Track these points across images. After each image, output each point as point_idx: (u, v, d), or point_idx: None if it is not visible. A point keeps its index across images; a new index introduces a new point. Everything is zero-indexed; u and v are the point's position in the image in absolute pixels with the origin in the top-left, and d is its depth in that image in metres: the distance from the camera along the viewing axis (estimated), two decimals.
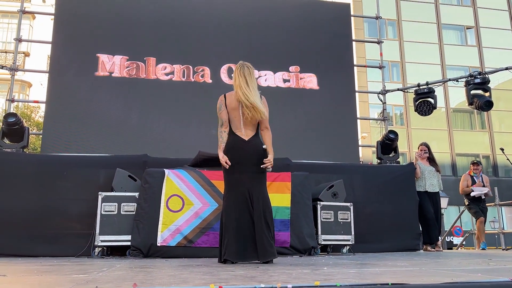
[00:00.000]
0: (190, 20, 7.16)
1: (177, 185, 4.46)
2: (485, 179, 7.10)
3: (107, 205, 4.43)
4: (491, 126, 24.21)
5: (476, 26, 25.32)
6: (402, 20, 24.58)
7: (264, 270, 2.54)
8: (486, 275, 2.21)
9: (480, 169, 7.17)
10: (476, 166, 7.14)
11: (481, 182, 7.01)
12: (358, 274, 2.31)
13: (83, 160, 5.30)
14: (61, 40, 6.76)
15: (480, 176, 7.05)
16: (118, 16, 7.00)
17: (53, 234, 4.64)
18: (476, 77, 6.76)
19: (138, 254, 4.23)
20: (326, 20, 7.71)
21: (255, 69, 7.00)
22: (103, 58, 6.78)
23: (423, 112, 7.13)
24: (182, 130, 6.70)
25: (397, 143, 6.95)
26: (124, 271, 2.57)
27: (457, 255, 5.06)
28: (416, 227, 5.74)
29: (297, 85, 7.26)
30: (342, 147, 7.14)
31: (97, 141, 6.40)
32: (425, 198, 5.97)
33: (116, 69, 6.77)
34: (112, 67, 6.76)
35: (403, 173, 5.94)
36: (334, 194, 5.15)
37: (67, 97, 6.56)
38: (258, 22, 7.41)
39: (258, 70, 7.13)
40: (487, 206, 7.12)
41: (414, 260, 3.70)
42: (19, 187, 4.73)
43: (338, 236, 4.99)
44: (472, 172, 7.08)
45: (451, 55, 24.47)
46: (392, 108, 23.00)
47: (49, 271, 2.62)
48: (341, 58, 7.62)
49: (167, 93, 6.85)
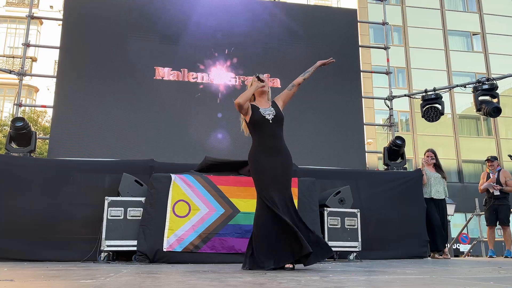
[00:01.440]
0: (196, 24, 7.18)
1: (183, 190, 4.44)
2: (503, 174, 6.69)
3: (114, 210, 4.42)
4: (498, 133, 24.05)
5: (482, 32, 25.25)
6: (408, 26, 24.57)
7: (273, 277, 2.52)
8: (498, 284, 2.18)
9: (496, 164, 6.84)
10: (491, 162, 6.85)
11: (496, 177, 6.67)
12: (368, 282, 2.28)
13: (90, 164, 5.31)
14: (68, 45, 6.81)
15: (496, 172, 6.75)
16: (125, 21, 7.04)
17: (59, 239, 4.64)
18: (484, 83, 6.73)
19: (144, 259, 4.22)
20: (333, 26, 7.71)
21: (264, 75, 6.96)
22: (111, 63, 6.81)
23: (430, 118, 7.09)
24: (189, 135, 6.70)
25: (404, 149, 6.92)
26: (132, 277, 2.55)
27: (465, 262, 5.00)
28: (424, 234, 5.68)
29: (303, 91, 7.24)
30: (348, 153, 7.11)
31: (103, 146, 6.42)
32: (431, 205, 5.92)
33: (123, 73, 6.80)
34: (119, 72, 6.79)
35: (410, 180, 5.89)
36: (341, 200, 5.11)
37: (74, 102, 6.59)
38: (265, 28, 7.43)
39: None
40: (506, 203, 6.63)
41: (423, 267, 3.66)
42: (26, 192, 4.74)
43: (345, 243, 4.94)
44: (488, 169, 6.87)
45: (457, 61, 24.40)
46: (398, 114, 22.91)
47: (56, 276, 2.61)
48: (347, 64, 7.60)
49: (174, 98, 6.86)
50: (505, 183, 6.62)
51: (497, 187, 6.62)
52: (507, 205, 6.67)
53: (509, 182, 6.63)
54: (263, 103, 3.51)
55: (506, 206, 6.67)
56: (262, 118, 3.38)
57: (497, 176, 6.72)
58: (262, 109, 3.43)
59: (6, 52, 21.23)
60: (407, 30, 24.52)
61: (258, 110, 3.42)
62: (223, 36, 7.22)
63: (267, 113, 3.41)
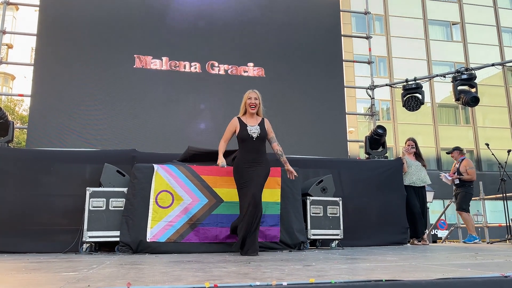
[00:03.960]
0: (177, 15, 7.07)
1: (166, 180, 4.42)
2: (463, 163, 6.93)
3: (95, 201, 4.37)
4: (475, 121, 24.62)
5: (462, 22, 25.64)
6: (390, 15, 24.74)
7: (257, 267, 2.54)
8: (476, 270, 2.25)
9: (456, 155, 7.10)
10: (451, 154, 7.21)
11: (458, 167, 6.96)
12: (350, 270, 2.33)
13: (70, 154, 5.21)
14: (46, 32, 6.61)
15: (459, 162, 7.01)
16: (104, 8, 6.88)
17: (39, 230, 4.57)
18: (463, 73, 6.84)
19: (127, 250, 4.19)
20: (315, 15, 7.70)
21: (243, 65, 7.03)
22: (90, 50, 6.66)
23: (411, 107, 7.20)
24: (171, 124, 6.64)
25: (385, 138, 7.02)
26: (115, 268, 2.54)
27: (443, 249, 5.14)
28: (404, 221, 5.81)
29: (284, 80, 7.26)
30: (330, 142, 7.17)
31: (84, 135, 6.30)
32: (411, 192, 6.06)
33: (103, 61, 6.66)
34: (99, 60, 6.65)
35: (391, 168, 6.00)
36: (323, 189, 5.17)
37: (52, 90, 6.43)
38: (247, 18, 7.36)
39: (246, 65, 7.11)
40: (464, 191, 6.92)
41: (402, 254, 3.75)
42: (5, 183, 4.64)
43: (327, 231, 5.02)
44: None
45: (437, 51, 24.76)
46: (379, 103, 23.19)
47: (38, 269, 2.58)
48: (330, 54, 7.63)
49: (156, 87, 6.77)
50: (465, 171, 6.89)
51: (449, 181, 6.97)
52: (464, 192, 6.96)
53: (469, 170, 6.90)
54: (252, 120, 4.04)
55: (463, 193, 6.96)
56: (247, 135, 3.94)
57: (458, 165, 7.01)
58: (250, 126, 3.97)
59: None
60: (389, 19, 24.70)
61: (245, 127, 3.97)
62: (206, 25, 7.13)
63: (252, 132, 3.95)
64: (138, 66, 6.77)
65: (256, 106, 4.07)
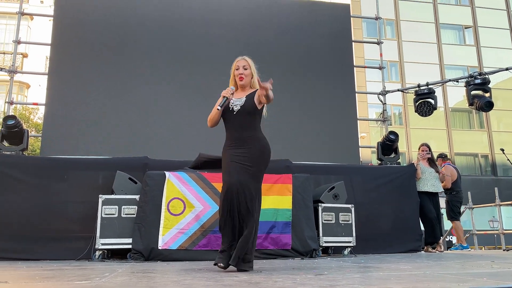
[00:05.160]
0: (189, 21, 7.13)
1: (178, 188, 4.44)
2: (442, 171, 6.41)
3: (108, 208, 4.40)
4: (490, 126, 24.25)
5: (474, 26, 25.36)
6: (401, 19, 24.61)
7: (268, 275, 2.53)
8: (492, 280, 2.20)
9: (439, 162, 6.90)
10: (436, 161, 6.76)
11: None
12: (363, 280, 2.30)
13: (83, 162, 5.27)
14: (60, 41, 6.72)
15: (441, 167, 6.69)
16: (117, 17, 6.97)
17: (53, 238, 4.62)
18: (476, 77, 6.76)
19: (139, 257, 4.21)
20: (326, 21, 7.69)
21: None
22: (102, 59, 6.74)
23: (424, 112, 7.13)
24: (183, 132, 6.67)
25: (397, 144, 6.95)
26: (127, 277, 2.55)
27: (458, 256, 5.05)
28: (417, 228, 5.74)
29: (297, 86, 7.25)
30: (342, 148, 7.13)
31: (97, 143, 6.37)
32: (425, 198, 5.98)
33: (115, 70, 6.74)
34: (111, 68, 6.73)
35: (404, 174, 5.93)
36: (335, 195, 5.13)
37: (66, 99, 6.52)
38: (257, 23, 7.39)
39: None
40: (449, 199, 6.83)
41: (416, 262, 3.69)
42: (19, 190, 4.70)
43: (340, 238, 4.97)
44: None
45: (449, 55, 24.51)
46: (391, 108, 23.00)
47: (51, 277, 2.60)
48: (340, 59, 7.61)
49: (167, 95, 6.82)
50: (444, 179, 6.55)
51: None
52: (448, 201, 6.89)
53: (446, 178, 6.57)
54: (238, 93, 3.20)
55: (446, 201, 6.90)
56: (227, 109, 3.13)
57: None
58: (233, 99, 3.14)
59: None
60: (400, 24, 24.56)
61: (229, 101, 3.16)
62: (215, 31, 7.17)
63: (235, 104, 3.11)
64: (153, 74, 6.84)
65: (246, 77, 3.21)
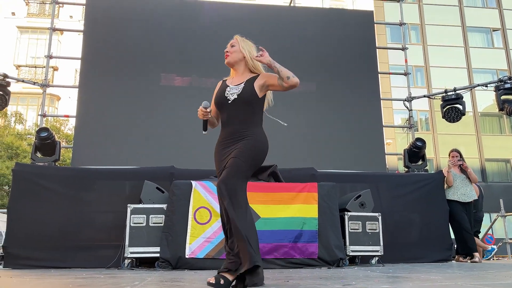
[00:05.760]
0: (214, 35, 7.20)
1: (204, 197, 4.49)
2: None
3: (136, 217, 4.49)
4: None
5: (503, 28, 24.72)
6: (426, 24, 24.23)
7: (295, 286, 2.52)
8: None
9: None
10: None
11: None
12: None
13: (112, 172, 5.41)
14: (89, 55, 6.94)
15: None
16: (144, 31, 7.14)
17: (83, 246, 4.75)
18: (506, 82, 6.58)
19: (166, 266, 4.27)
20: (349, 29, 7.66)
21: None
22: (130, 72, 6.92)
23: (452, 118, 6.97)
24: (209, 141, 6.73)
25: (424, 151, 6.82)
26: (156, 285, 2.59)
27: (491, 266, 4.89)
28: (447, 237, 5.59)
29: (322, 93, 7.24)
30: (368, 156, 7.05)
31: (125, 153, 6.52)
32: (457, 207, 5.73)
33: (142, 81, 6.90)
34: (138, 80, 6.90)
35: (432, 182, 5.80)
36: (361, 204, 5.08)
37: (96, 111, 6.72)
38: (282, 32, 7.42)
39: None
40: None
41: (447, 272, 3.61)
42: (51, 200, 4.85)
43: (367, 247, 4.90)
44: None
45: (477, 58, 23.92)
46: (417, 113, 22.59)
47: (84, 285, 2.67)
48: (365, 66, 7.55)
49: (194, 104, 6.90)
50: None
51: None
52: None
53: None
54: (237, 79, 2.75)
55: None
56: (222, 97, 2.70)
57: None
58: (230, 86, 2.71)
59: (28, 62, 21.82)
60: (425, 28, 24.17)
61: (225, 88, 2.72)
62: None
63: (231, 93, 2.67)
64: (178, 85, 6.97)
65: (231, 54, 2.77)
